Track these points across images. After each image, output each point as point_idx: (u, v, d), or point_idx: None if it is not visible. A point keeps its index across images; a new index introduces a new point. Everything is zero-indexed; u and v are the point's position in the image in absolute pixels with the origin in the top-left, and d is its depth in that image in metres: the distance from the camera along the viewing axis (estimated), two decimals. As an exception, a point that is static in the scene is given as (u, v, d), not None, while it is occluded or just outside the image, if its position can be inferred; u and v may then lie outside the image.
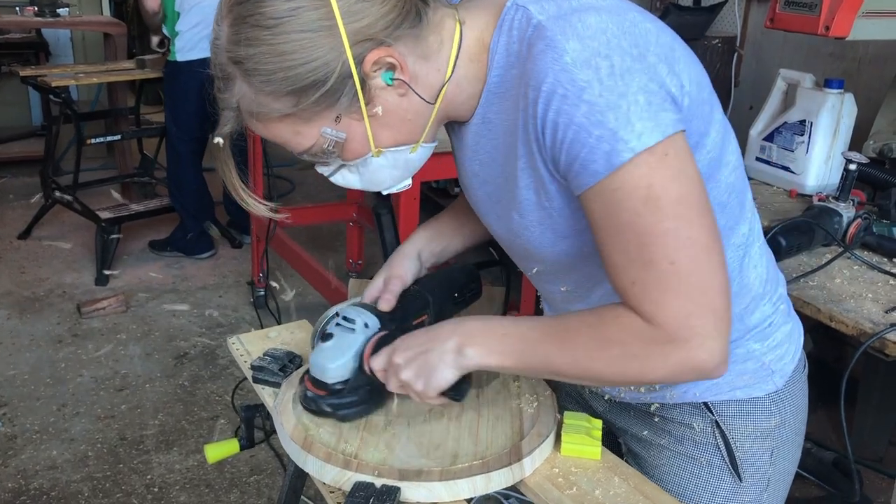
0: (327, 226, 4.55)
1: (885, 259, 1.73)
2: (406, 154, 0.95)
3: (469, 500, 0.96)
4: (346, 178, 0.98)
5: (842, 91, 2.13)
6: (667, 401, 1.08)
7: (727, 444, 1.06)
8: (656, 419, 1.11)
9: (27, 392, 3.00)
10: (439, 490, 0.95)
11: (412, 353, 0.97)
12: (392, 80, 0.87)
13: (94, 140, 4.22)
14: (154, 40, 4.22)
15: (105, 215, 4.00)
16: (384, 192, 1.02)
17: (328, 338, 1.08)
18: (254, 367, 1.20)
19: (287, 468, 1.23)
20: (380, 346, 1.03)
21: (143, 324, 3.56)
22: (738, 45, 3.45)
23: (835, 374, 1.56)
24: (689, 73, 0.88)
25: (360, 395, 1.06)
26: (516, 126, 0.89)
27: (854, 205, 1.80)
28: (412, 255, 1.20)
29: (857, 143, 2.20)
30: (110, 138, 4.47)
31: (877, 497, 2.44)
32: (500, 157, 0.96)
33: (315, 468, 0.99)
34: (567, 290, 1.05)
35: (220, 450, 1.24)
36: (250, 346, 1.31)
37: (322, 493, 0.99)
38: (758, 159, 2.30)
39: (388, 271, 1.17)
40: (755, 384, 1.05)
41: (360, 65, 0.85)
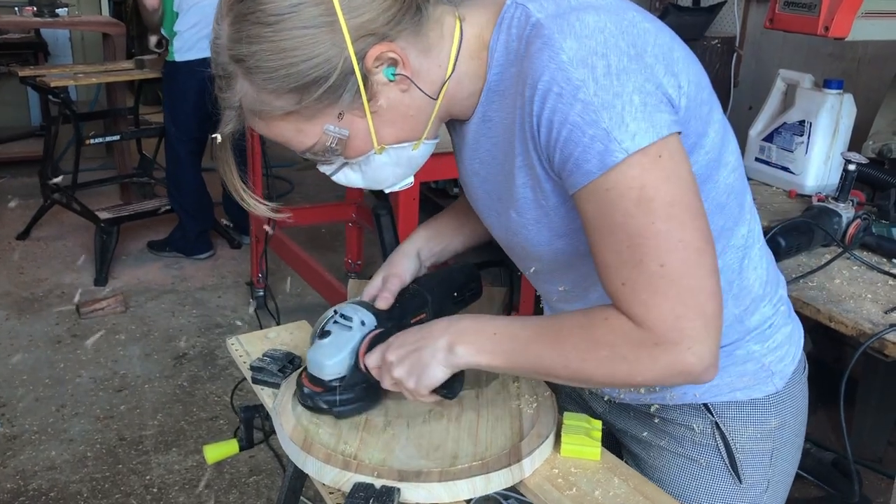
0: (326, 226, 4.55)
1: (885, 259, 1.73)
2: (408, 151, 0.95)
3: (468, 501, 0.96)
4: (349, 176, 0.98)
5: (841, 91, 2.13)
6: (666, 402, 1.08)
7: (727, 445, 1.06)
8: (656, 420, 1.11)
9: (26, 392, 2.99)
10: (439, 491, 0.95)
11: (404, 350, 0.97)
12: (394, 75, 0.87)
13: (93, 140, 4.22)
14: (152, 40, 4.22)
15: (104, 216, 3.99)
16: (387, 191, 1.02)
17: (326, 335, 1.08)
18: (253, 368, 1.20)
19: (286, 469, 1.23)
20: (375, 344, 1.03)
21: (142, 324, 3.56)
22: (737, 45, 3.45)
23: (834, 374, 1.55)
24: (688, 73, 0.88)
25: (356, 393, 1.06)
26: (514, 124, 0.89)
27: (853, 205, 1.80)
28: (411, 254, 1.20)
29: (856, 143, 2.20)
30: (109, 139, 4.46)
31: (876, 497, 2.44)
32: (500, 156, 0.96)
33: (314, 469, 0.99)
34: (564, 289, 1.05)
35: (220, 450, 1.23)
36: (249, 347, 1.31)
37: (321, 493, 0.99)
38: (757, 160, 2.30)
39: (387, 270, 1.18)
40: (755, 385, 1.05)
41: (362, 60, 0.85)
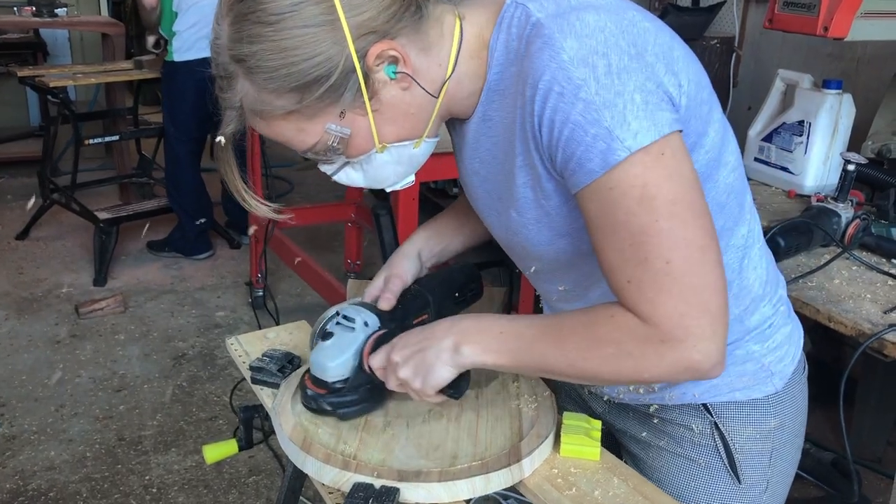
0: (326, 226, 4.55)
1: (884, 260, 1.73)
2: (409, 149, 0.95)
3: (468, 501, 0.96)
4: (350, 176, 0.98)
5: (840, 91, 2.13)
6: (665, 402, 1.08)
7: (726, 445, 1.06)
8: (655, 420, 1.11)
9: (25, 393, 2.99)
10: (438, 491, 0.95)
11: (409, 350, 0.97)
12: (395, 73, 0.87)
13: (92, 140, 4.22)
14: (150, 40, 4.22)
15: (103, 216, 3.99)
16: (388, 190, 1.02)
17: (328, 336, 1.08)
18: (252, 368, 1.20)
19: (286, 469, 1.23)
20: (379, 345, 1.03)
21: (141, 324, 3.56)
22: (736, 45, 3.45)
23: (833, 374, 1.55)
24: (688, 72, 0.88)
25: (360, 394, 1.06)
26: (514, 123, 0.90)
27: (853, 205, 1.80)
28: (412, 254, 1.20)
29: (855, 143, 2.20)
30: (108, 139, 4.46)
31: (875, 497, 2.44)
32: (500, 155, 0.96)
33: (314, 469, 0.99)
34: (565, 289, 1.05)
35: (219, 450, 1.23)
36: (249, 347, 1.31)
37: (321, 493, 0.99)
38: (756, 160, 2.30)
39: (389, 270, 1.17)
40: (754, 386, 1.05)
41: (363, 59, 0.85)
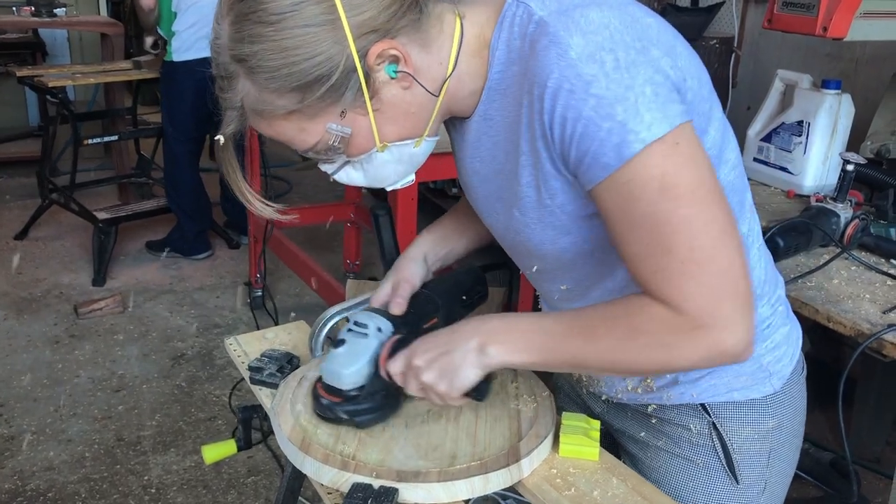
0: (325, 226, 4.54)
1: (883, 260, 1.73)
2: (410, 148, 0.95)
3: (467, 502, 0.96)
4: (351, 175, 0.98)
5: (839, 92, 2.13)
6: (664, 402, 1.08)
7: (724, 445, 1.06)
8: (653, 420, 1.11)
9: (24, 393, 2.99)
10: (437, 491, 0.95)
11: (433, 354, 0.96)
12: (396, 72, 0.87)
13: (90, 140, 4.22)
14: (148, 41, 4.21)
15: (102, 216, 3.99)
16: (388, 188, 1.01)
17: (340, 344, 1.05)
18: (251, 368, 1.20)
19: (284, 469, 1.23)
20: (396, 350, 1.02)
21: (140, 324, 3.56)
22: (735, 45, 3.44)
23: (832, 374, 1.55)
24: (691, 69, 0.88)
25: (376, 401, 1.04)
26: (519, 123, 0.89)
27: (852, 205, 1.80)
28: (419, 258, 1.19)
29: (854, 143, 2.20)
30: (107, 139, 4.46)
31: (874, 497, 2.44)
32: (501, 155, 0.96)
33: (313, 469, 0.99)
34: (566, 288, 1.05)
35: (218, 451, 1.23)
36: (247, 347, 1.31)
37: (320, 494, 0.99)
38: (755, 160, 2.30)
39: (397, 275, 1.16)
40: (753, 386, 1.05)
41: (363, 58, 0.85)
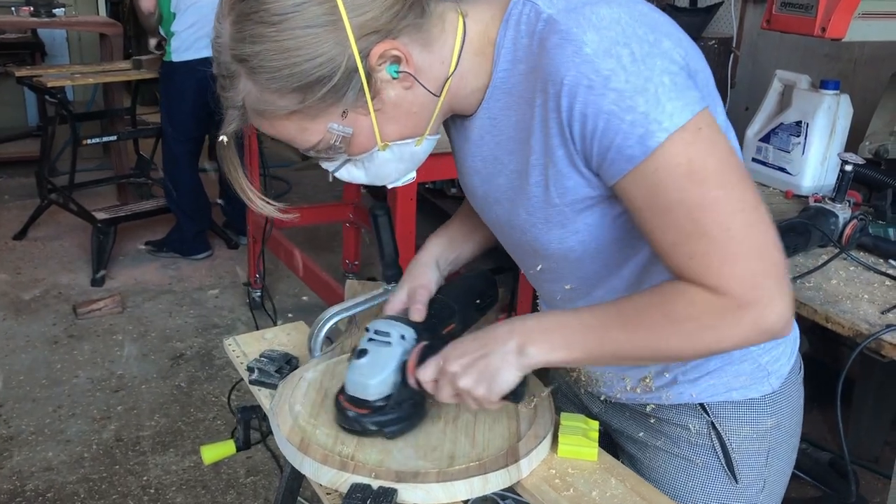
0: (324, 226, 4.55)
1: (881, 260, 1.73)
2: (411, 147, 0.95)
3: (466, 502, 0.96)
4: (352, 172, 0.98)
5: (838, 92, 2.13)
6: (662, 402, 1.08)
7: (723, 445, 1.06)
8: (652, 420, 1.11)
9: (23, 393, 2.99)
10: (436, 491, 0.95)
11: (469, 358, 0.95)
12: (397, 73, 0.87)
13: (90, 141, 4.22)
14: (151, 42, 4.22)
15: (101, 216, 3.99)
16: (389, 186, 1.02)
17: (363, 354, 1.03)
18: (250, 369, 1.20)
19: (283, 469, 1.23)
20: (425, 357, 1.00)
21: (139, 325, 3.56)
22: (734, 46, 3.45)
23: (831, 374, 1.56)
24: (698, 64, 0.89)
25: (404, 410, 1.03)
26: (530, 122, 0.89)
27: (850, 206, 1.80)
28: (431, 263, 1.19)
29: (853, 144, 2.20)
30: (106, 139, 4.47)
31: (873, 497, 2.45)
32: (505, 154, 0.96)
33: (312, 470, 0.99)
34: (571, 288, 1.05)
35: (217, 451, 1.23)
36: (246, 348, 1.31)
37: (319, 494, 0.99)
38: (754, 160, 2.31)
39: (412, 282, 1.16)
40: (751, 385, 1.05)
41: (365, 59, 0.85)
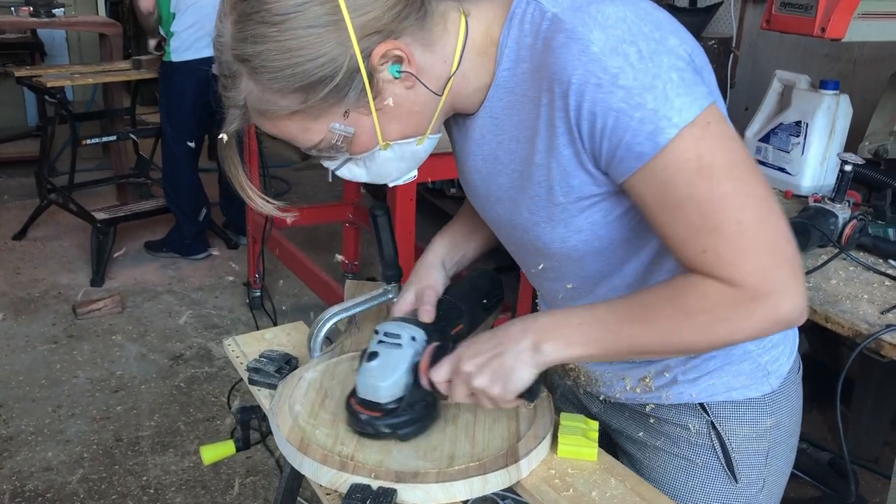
0: (324, 226, 4.55)
1: (881, 260, 1.73)
2: (413, 146, 0.95)
3: (466, 502, 0.96)
4: (353, 171, 0.98)
5: (837, 92, 2.13)
6: (662, 401, 1.08)
7: (723, 445, 1.07)
8: (651, 420, 1.11)
9: (22, 393, 2.99)
10: (436, 492, 0.95)
11: (483, 358, 0.94)
12: (399, 72, 0.87)
13: (89, 141, 4.22)
14: (151, 43, 4.22)
15: (100, 216, 3.99)
16: (390, 185, 1.02)
17: (373, 357, 1.03)
18: (250, 369, 1.20)
19: (283, 470, 1.23)
20: (437, 358, 0.99)
21: (138, 325, 3.56)
22: (733, 46, 3.45)
23: (831, 374, 1.56)
24: (703, 62, 0.89)
25: (416, 411, 1.02)
26: (534, 122, 0.89)
27: (850, 206, 1.80)
28: (437, 264, 1.19)
29: (852, 144, 2.20)
30: (106, 139, 4.47)
31: (872, 497, 2.45)
32: (507, 154, 0.96)
33: (311, 470, 0.99)
34: (572, 287, 1.05)
35: (216, 451, 1.23)
36: (246, 348, 1.31)
37: (318, 494, 0.99)
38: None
39: (419, 283, 1.16)
40: (751, 385, 1.05)
41: (367, 59, 0.85)
